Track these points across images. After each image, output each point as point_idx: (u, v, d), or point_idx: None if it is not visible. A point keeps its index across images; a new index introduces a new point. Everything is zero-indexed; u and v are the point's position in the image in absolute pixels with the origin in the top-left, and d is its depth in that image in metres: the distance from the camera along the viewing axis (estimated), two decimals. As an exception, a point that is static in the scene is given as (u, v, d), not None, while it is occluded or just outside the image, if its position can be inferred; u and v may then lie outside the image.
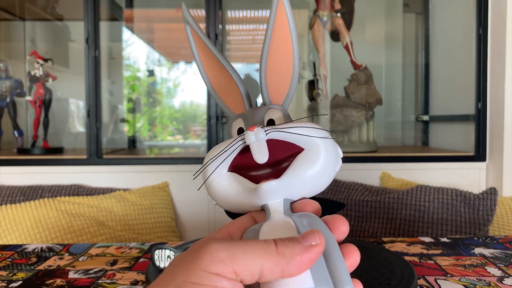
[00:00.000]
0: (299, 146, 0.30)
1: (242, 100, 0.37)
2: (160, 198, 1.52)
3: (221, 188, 0.31)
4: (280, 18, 0.35)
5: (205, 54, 0.37)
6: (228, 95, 0.38)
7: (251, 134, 0.29)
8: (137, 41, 2.51)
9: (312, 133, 0.30)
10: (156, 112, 2.56)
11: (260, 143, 0.30)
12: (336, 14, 1.74)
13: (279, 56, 0.36)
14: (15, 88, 1.81)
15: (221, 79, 0.37)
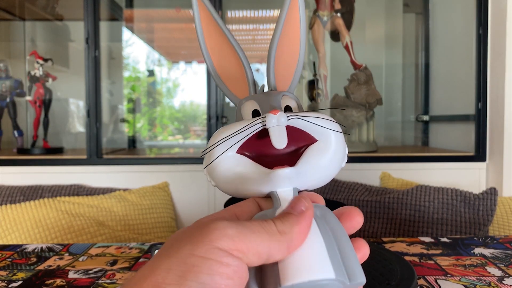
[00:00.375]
0: (313, 137, 0.30)
1: (246, 85, 0.36)
2: (160, 198, 1.52)
3: (228, 169, 0.30)
4: (293, 8, 0.35)
5: (210, 31, 0.36)
6: (231, 78, 0.37)
7: (273, 117, 0.29)
8: (137, 41, 2.51)
9: (330, 126, 0.30)
10: (156, 112, 2.56)
11: (280, 127, 0.29)
12: (336, 14, 1.74)
13: (287, 45, 0.36)
14: (15, 88, 1.81)
15: (226, 61, 0.36)
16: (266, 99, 0.33)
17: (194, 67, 2.57)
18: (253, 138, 0.30)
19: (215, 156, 0.30)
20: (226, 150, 0.29)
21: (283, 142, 0.29)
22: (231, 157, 0.30)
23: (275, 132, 0.29)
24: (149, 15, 2.54)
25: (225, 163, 0.30)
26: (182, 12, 2.49)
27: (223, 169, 0.30)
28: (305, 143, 0.30)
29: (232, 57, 0.36)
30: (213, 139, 0.30)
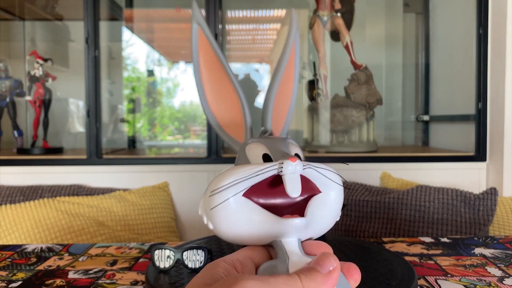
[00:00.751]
0: (317, 188, 0.30)
1: (242, 128, 0.36)
2: (160, 198, 1.51)
3: (232, 214, 0.28)
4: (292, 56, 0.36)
5: (207, 62, 0.36)
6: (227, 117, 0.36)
7: (291, 164, 0.28)
8: (137, 41, 2.51)
9: (337, 180, 0.31)
10: (156, 112, 2.56)
11: (295, 176, 0.28)
12: (336, 14, 1.74)
13: (284, 88, 0.36)
14: (14, 88, 1.81)
15: (222, 99, 0.36)
16: (274, 144, 0.32)
17: (194, 67, 2.56)
18: (263, 184, 0.29)
19: (223, 199, 0.28)
20: (238, 193, 0.28)
21: (297, 191, 0.28)
22: (237, 201, 0.28)
23: (290, 180, 0.28)
24: (149, 15, 2.54)
25: (230, 207, 0.28)
26: (182, 12, 2.49)
27: (228, 213, 0.28)
28: (310, 193, 0.30)
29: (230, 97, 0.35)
30: (219, 181, 0.29)
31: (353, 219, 1.34)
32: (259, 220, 0.28)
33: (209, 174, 1.57)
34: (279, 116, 0.36)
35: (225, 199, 0.28)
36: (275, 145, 0.32)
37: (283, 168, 0.28)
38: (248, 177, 0.28)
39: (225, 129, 0.37)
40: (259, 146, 0.32)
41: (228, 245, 0.77)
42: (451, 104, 1.90)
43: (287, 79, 0.36)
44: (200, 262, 0.63)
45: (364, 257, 0.64)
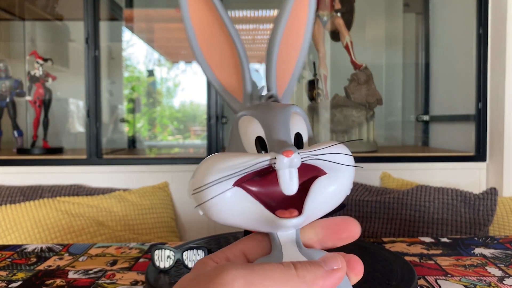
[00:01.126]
0: (322, 170, 0.27)
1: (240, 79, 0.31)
2: (160, 198, 1.51)
3: (224, 208, 0.26)
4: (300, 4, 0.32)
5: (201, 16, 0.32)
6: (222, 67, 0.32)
7: (286, 160, 0.24)
8: (137, 41, 2.51)
9: (346, 161, 0.28)
10: (156, 112, 2.56)
11: (292, 170, 0.25)
12: (336, 14, 1.74)
13: (289, 45, 0.32)
14: (14, 88, 1.81)
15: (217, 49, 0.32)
16: (272, 121, 0.28)
17: (194, 67, 2.57)
18: (256, 173, 0.26)
19: (211, 196, 0.25)
20: (223, 192, 0.25)
21: (293, 188, 0.25)
22: (228, 193, 0.25)
23: (285, 176, 0.25)
24: (149, 15, 2.54)
25: (222, 203, 0.25)
26: (182, 12, 2.48)
27: (220, 208, 0.26)
28: (311, 175, 0.27)
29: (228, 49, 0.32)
30: (206, 171, 0.26)
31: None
32: (252, 213, 0.26)
33: (209, 174, 1.57)
34: (284, 72, 0.32)
35: (210, 198, 0.25)
36: (272, 124, 0.28)
37: (276, 164, 0.25)
38: (236, 174, 0.25)
39: (225, 87, 0.32)
40: (253, 123, 0.28)
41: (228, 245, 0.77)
42: (451, 104, 1.90)
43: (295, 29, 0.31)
44: (200, 262, 0.63)
45: (364, 257, 0.64)
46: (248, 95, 0.31)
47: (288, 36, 0.32)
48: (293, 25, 0.32)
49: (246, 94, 0.31)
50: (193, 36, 0.31)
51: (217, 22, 0.31)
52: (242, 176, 0.25)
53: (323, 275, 0.22)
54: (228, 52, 0.31)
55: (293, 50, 0.32)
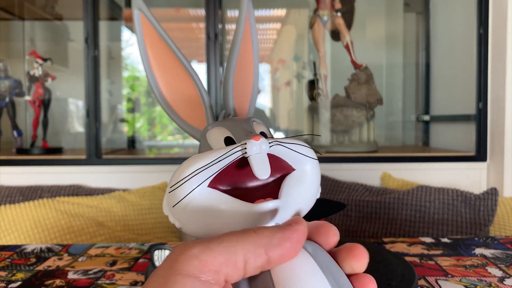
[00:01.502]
0: (290, 166, 0.27)
1: (202, 111, 0.32)
2: (160, 198, 1.51)
3: (199, 207, 0.25)
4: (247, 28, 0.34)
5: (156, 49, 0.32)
6: (183, 104, 0.33)
7: (255, 144, 0.25)
8: (137, 41, 2.51)
9: (309, 153, 0.28)
10: (155, 112, 2.56)
11: (262, 156, 0.26)
12: (337, 13, 1.74)
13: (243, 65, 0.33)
14: (14, 88, 1.81)
15: (176, 84, 0.33)
16: (237, 125, 0.29)
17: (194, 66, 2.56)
18: (228, 169, 0.26)
19: (186, 192, 0.25)
20: (202, 182, 0.25)
21: (266, 172, 0.25)
22: (203, 193, 0.25)
23: (257, 160, 0.25)
24: (149, 14, 2.53)
25: (196, 201, 0.25)
26: (182, 12, 2.49)
27: (194, 208, 0.25)
28: (282, 172, 0.27)
29: (184, 80, 0.32)
30: (180, 173, 0.26)
31: (353, 219, 1.34)
32: (229, 210, 0.25)
33: (209, 174, 1.57)
34: (242, 97, 0.34)
35: (186, 194, 0.25)
36: (238, 126, 0.29)
37: (247, 149, 0.25)
38: (210, 164, 0.25)
39: (183, 118, 0.34)
40: (220, 130, 0.30)
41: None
42: (452, 104, 1.90)
43: (246, 54, 0.34)
44: (200, 262, 0.63)
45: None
46: (210, 118, 0.33)
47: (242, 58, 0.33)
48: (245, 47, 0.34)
49: (208, 118, 0.33)
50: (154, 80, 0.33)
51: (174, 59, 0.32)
52: (215, 176, 0.25)
53: (282, 229, 0.22)
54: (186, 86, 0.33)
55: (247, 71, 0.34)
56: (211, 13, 1.56)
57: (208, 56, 1.57)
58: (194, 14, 2.51)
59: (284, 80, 2.43)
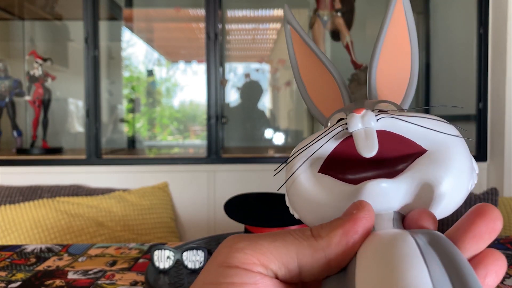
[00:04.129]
0: (419, 146, 0.22)
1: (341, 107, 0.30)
2: (160, 198, 1.51)
3: (305, 190, 0.23)
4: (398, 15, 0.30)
5: (303, 56, 0.33)
6: (325, 102, 0.31)
7: (356, 117, 0.22)
8: (137, 41, 2.51)
9: (442, 128, 0.22)
10: (155, 112, 2.56)
11: (367, 131, 0.22)
12: (337, 13, 1.74)
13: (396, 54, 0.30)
14: (14, 88, 1.80)
15: (319, 84, 0.32)
16: (355, 106, 0.26)
17: (193, 67, 2.57)
18: (337, 154, 0.23)
19: (291, 172, 0.24)
20: (303, 162, 0.23)
21: (371, 149, 0.21)
22: (311, 175, 0.23)
23: (361, 137, 0.21)
24: (149, 14, 2.54)
25: (301, 183, 0.23)
26: (182, 12, 2.48)
27: (301, 190, 0.23)
28: (406, 152, 0.22)
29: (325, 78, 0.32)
30: (291, 157, 0.25)
31: (353, 219, 1.34)
32: (339, 192, 0.22)
33: (208, 174, 1.57)
34: (394, 89, 0.30)
35: (289, 176, 0.24)
36: (353, 106, 0.26)
37: (347, 124, 0.22)
38: (311, 144, 0.23)
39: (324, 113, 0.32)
40: (339, 114, 0.26)
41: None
42: (452, 103, 1.90)
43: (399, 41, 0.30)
44: (200, 262, 0.63)
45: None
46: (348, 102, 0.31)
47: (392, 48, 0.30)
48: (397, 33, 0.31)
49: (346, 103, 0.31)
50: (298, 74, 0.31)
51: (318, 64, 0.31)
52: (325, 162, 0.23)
53: (339, 224, 0.19)
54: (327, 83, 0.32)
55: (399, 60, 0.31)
56: (211, 13, 1.56)
57: (208, 56, 1.57)
58: (194, 14, 2.51)
59: (284, 80, 2.43)
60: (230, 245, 0.19)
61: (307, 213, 0.23)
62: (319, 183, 0.23)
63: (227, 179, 1.58)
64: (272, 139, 2.36)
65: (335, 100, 0.31)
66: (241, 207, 0.74)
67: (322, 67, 0.31)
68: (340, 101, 0.30)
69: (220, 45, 1.62)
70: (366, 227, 0.19)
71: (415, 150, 0.22)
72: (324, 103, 0.31)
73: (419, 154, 0.22)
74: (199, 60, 2.52)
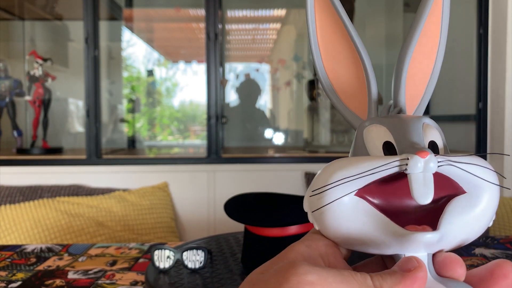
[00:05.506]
0: (460, 187, 0.23)
1: (365, 102, 0.29)
2: (160, 198, 1.51)
3: (342, 216, 0.23)
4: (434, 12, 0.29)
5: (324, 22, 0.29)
6: (346, 89, 0.29)
7: (419, 161, 0.21)
8: (137, 41, 2.51)
9: (489, 177, 0.24)
10: (155, 112, 2.56)
11: (426, 177, 0.22)
12: (336, 13, 1.74)
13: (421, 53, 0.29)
14: (14, 88, 1.81)
15: (341, 67, 0.29)
16: (402, 127, 0.25)
17: (193, 67, 2.57)
18: (381, 180, 0.23)
19: (330, 200, 0.23)
20: (348, 194, 0.23)
21: (428, 196, 0.21)
22: (349, 202, 0.23)
23: (419, 181, 0.21)
24: (149, 14, 2.54)
25: (340, 208, 0.23)
26: (182, 12, 2.49)
27: (337, 214, 0.23)
28: (448, 192, 0.23)
29: (351, 63, 0.29)
30: (327, 177, 0.23)
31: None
32: (375, 228, 0.22)
33: (208, 174, 1.57)
34: (415, 87, 0.29)
35: (329, 202, 0.23)
36: (402, 129, 0.24)
37: (408, 165, 0.22)
38: (361, 175, 0.22)
39: (343, 101, 0.29)
40: (380, 130, 0.25)
41: (229, 247, 0.77)
42: (452, 104, 1.90)
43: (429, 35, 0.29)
44: (200, 262, 0.63)
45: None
46: (373, 109, 0.29)
47: (421, 44, 0.29)
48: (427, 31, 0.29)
49: (372, 108, 0.29)
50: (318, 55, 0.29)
51: (344, 38, 0.28)
52: (365, 186, 0.23)
53: (399, 280, 0.20)
54: (353, 68, 0.29)
55: (426, 62, 0.29)
56: (211, 13, 1.56)
57: (208, 56, 1.57)
58: (194, 14, 2.51)
59: (284, 80, 2.44)
60: (299, 275, 0.20)
61: (338, 234, 0.23)
62: (361, 211, 0.23)
63: (227, 179, 1.58)
64: (272, 139, 2.36)
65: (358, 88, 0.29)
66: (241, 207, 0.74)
67: (347, 44, 0.28)
68: (363, 90, 0.28)
69: (220, 45, 1.62)
70: (422, 282, 0.21)
71: (457, 190, 0.23)
72: (343, 85, 0.29)
73: (458, 193, 0.23)
74: (199, 60, 2.52)
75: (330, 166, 0.24)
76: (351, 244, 0.24)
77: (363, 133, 0.27)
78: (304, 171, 1.56)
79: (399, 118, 0.26)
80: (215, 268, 0.65)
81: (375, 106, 0.28)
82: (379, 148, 0.25)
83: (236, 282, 0.61)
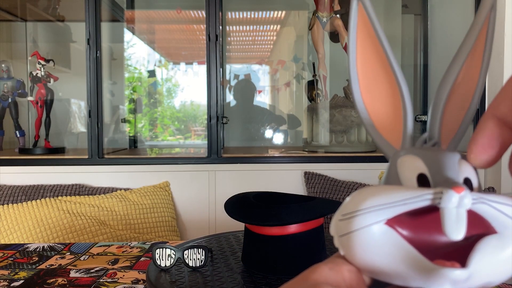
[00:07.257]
0: (492, 227, 0.23)
1: (400, 131, 0.28)
2: (161, 197, 1.53)
3: (369, 244, 0.22)
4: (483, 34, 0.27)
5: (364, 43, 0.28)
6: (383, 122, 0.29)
7: (454, 196, 0.21)
8: (138, 42, 2.52)
9: None
10: (157, 112, 2.58)
11: (460, 213, 0.21)
12: (336, 15, 1.75)
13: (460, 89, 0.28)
14: (17, 88, 1.82)
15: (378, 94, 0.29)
16: (438, 161, 0.25)
17: (194, 67, 2.58)
18: (412, 211, 0.23)
19: (359, 226, 0.23)
20: (376, 222, 0.22)
21: (460, 232, 0.21)
22: (378, 231, 0.22)
23: (451, 217, 0.21)
24: (150, 16, 2.55)
25: (367, 235, 0.22)
26: (183, 13, 2.50)
27: (364, 241, 0.23)
28: (478, 231, 0.23)
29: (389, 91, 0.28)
30: (357, 203, 0.23)
31: (352, 218, 1.35)
32: (402, 259, 0.22)
33: (209, 174, 1.58)
34: (451, 120, 0.28)
35: (357, 228, 0.23)
36: (438, 163, 0.24)
37: (442, 200, 0.21)
38: (392, 205, 0.22)
39: (378, 129, 0.29)
40: (415, 162, 0.25)
41: (230, 246, 0.78)
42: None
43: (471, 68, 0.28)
44: (201, 261, 0.64)
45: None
46: (408, 140, 0.28)
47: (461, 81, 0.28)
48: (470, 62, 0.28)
49: (406, 138, 0.28)
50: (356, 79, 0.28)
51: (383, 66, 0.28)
52: (395, 216, 0.22)
53: None
54: (390, 97, 0.28)
55: (465, 93, 0.28)
56: (212, 14, 1.57)
57: (208, 57, 1.59)
58: (195, 15, 2.52)
59: (283, 81, 2.45)
60: None
61: (363, 261, 0.23)
62: (390, 241, 0.22)
63: (228, 178, 1.59)
64: (272, 139, 2.37)
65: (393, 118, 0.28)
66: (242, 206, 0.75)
67: (384, 63, 0.28)
68: (399, 120, 0.27)
69: (221, 47, 1.63)
70: None
71: (488, 230, 0.23)
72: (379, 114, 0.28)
73: (488, 232, 0.23)
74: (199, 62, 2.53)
75: (362, 192, 0.24)
76: (376, 273, 0.23)
77: (397, 163, 0.26)
78: (303, 170, 1.58)
79: (436, 151, 0.26)
80: (216, 267, 0.66)
81: (410, 137, 0.28)
82: (413, 179, 0.25)
83: (236, 280, 0.62)
